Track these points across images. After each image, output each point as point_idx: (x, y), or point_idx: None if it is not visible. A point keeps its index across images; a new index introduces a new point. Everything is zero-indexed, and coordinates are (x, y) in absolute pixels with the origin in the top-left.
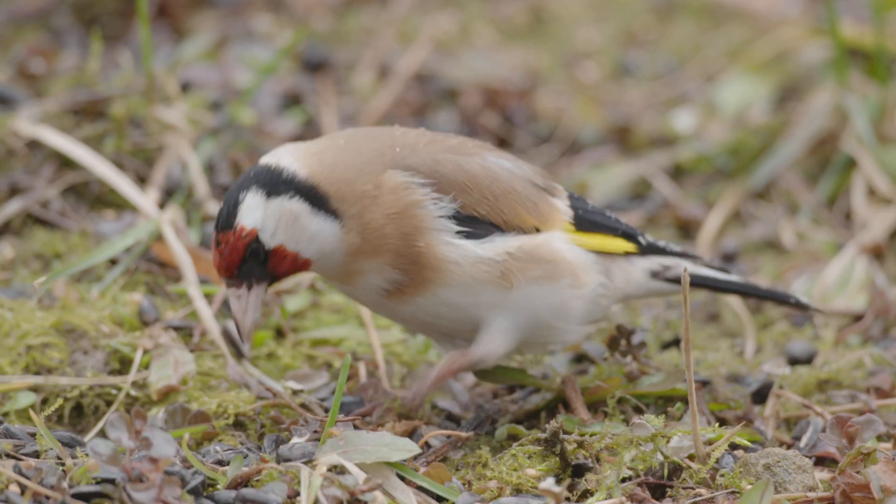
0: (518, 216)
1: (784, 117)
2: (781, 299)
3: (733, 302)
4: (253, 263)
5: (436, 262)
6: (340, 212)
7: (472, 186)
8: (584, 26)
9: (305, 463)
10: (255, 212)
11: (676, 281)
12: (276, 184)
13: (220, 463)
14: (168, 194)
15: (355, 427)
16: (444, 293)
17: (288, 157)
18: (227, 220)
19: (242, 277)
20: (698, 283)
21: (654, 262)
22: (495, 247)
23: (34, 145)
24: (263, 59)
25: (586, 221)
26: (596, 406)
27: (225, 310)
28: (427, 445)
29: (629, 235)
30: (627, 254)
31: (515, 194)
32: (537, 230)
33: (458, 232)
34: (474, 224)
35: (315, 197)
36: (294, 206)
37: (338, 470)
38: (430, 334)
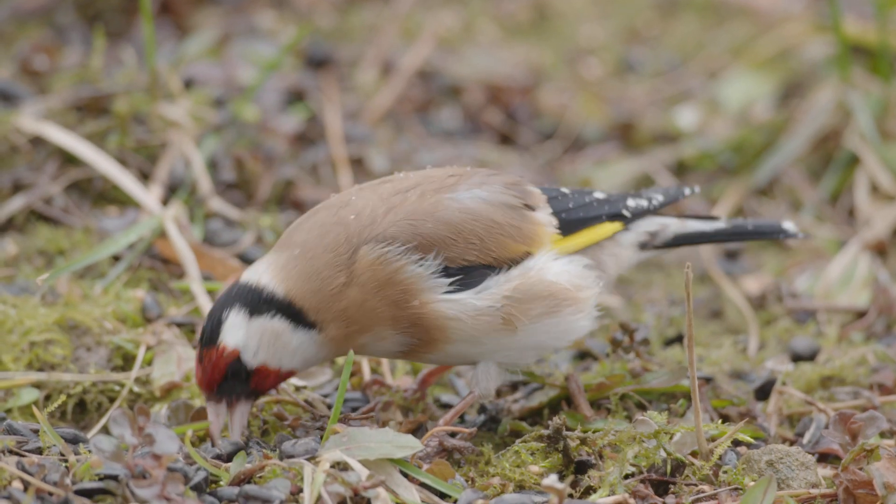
0: (506, 248)
1: (787, 114)
2: (770, 232)
3: (736, 299)
4: (234, 382)
5: (437, 321)
6: (317, 321)
7: (457, 237)
8: (587, 23)
9: (308, 459)
10: (237, 331)
11: (665, 246)
12: (257, 303)
13: (223, 459)
14: (171, 191)
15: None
16: (451, 349)
17: (266, 276)
18: (210, 336)
19: (221, 394)
20: (688, 241)
21: (641, 231)
22: (492, 293)
23: (37, 142)
24: (267, 55)
25: (570, 223)
26: (599, 403)
27: None
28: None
29: (614, 215)
30: (615, 233)
31: (498, 227)
32: (528, 253)
33: (451, 284)
34: (466, 273)
35: (293, 313)
36: (275, 324)
37: (341, 466)
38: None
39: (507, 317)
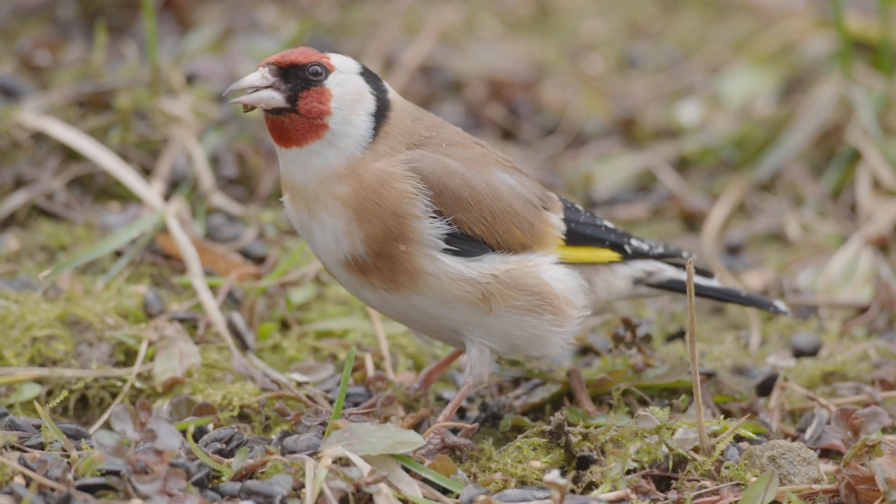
0: (512, 237)
1: (789, 109)
2: (760, 305)
3: None
4: (298, 78)
5: (413, 269)
6: (378, 140)
7: (473, 204)
8: (589, 18)
9: (310, 455)
10: (344, 63)
11: (658, 286)
12: (370, 76)
13: (225, 454)
14: (173, 186)
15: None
16: (416, 300)
17: (387, 83)
18: (321, 48)
19: (281, 73)
20: (681, 288)
21: (638, 268)
22: (483, 267)
23: (39, 137)
24: (269, 50)
25: (577, 235)
26: (601, 398)
27: (230, 302)
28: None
29: (616, 245)
30: (611, 262)
31: (513, 214)
32: (530, 249)
33: (448, 249)
34: (468, 243)
35: (380, 112)
36: (367, 97)
37: (343, 462)
38: (400, 322)
39: (486, 294)
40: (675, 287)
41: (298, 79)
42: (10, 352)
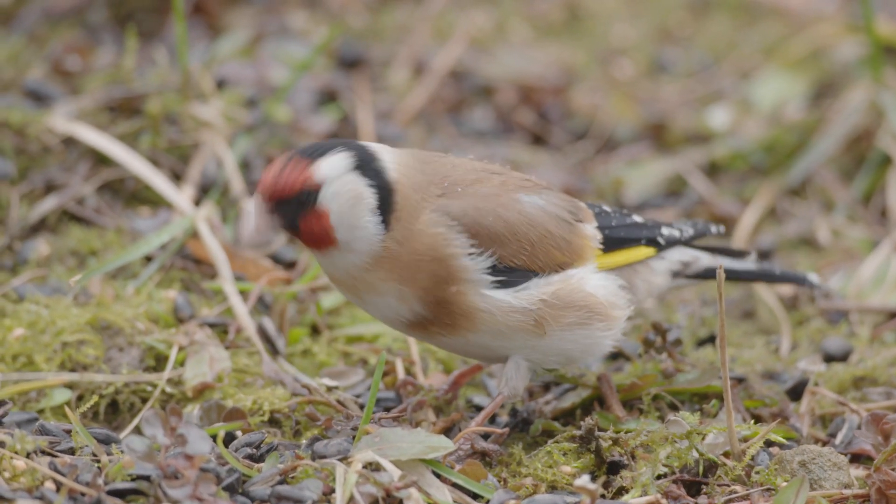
0: (553, 259)
1: (819, 114)
2: (794, 280)
3: (769, 299)
4: (293, 209)
5: (468, 310)
6: (392, 226)
7: (511, 237)
8: (619, 23)
9: (341, 460)
10: (333, 169)
11: (696, 276)
12: (366, 164)
13: (255, 459)
14: (203, 191)
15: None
16: (473, 338)
17: (387, 154)
18: (311, 151)
19: (274, 209)
20: (715, 275)
21: (675, 260)
22: (530, 294)
23: (70, 142)
24: (299, 55)
25: (613, 240)
26: (631, 403)
27: (260, 307)
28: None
29: (650, 240)
30: (647, 259)
31: (550, 237)
32: (571, 265)
33: (494, 282)
34: (511, 273)
35: (385, 200)
36: (365, 194)
37: (373, 467)
38: (454, 353)
39: (539, 319)
40: (713, 275)
41: (291, 207)
42: (41, 356)
